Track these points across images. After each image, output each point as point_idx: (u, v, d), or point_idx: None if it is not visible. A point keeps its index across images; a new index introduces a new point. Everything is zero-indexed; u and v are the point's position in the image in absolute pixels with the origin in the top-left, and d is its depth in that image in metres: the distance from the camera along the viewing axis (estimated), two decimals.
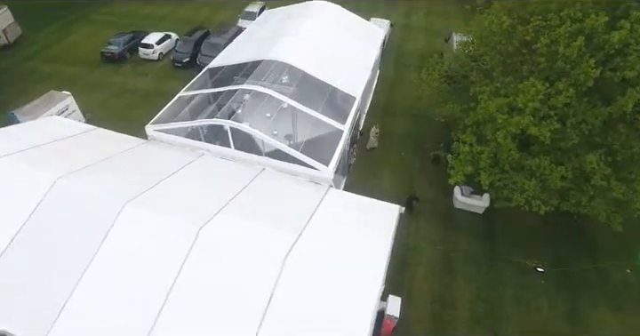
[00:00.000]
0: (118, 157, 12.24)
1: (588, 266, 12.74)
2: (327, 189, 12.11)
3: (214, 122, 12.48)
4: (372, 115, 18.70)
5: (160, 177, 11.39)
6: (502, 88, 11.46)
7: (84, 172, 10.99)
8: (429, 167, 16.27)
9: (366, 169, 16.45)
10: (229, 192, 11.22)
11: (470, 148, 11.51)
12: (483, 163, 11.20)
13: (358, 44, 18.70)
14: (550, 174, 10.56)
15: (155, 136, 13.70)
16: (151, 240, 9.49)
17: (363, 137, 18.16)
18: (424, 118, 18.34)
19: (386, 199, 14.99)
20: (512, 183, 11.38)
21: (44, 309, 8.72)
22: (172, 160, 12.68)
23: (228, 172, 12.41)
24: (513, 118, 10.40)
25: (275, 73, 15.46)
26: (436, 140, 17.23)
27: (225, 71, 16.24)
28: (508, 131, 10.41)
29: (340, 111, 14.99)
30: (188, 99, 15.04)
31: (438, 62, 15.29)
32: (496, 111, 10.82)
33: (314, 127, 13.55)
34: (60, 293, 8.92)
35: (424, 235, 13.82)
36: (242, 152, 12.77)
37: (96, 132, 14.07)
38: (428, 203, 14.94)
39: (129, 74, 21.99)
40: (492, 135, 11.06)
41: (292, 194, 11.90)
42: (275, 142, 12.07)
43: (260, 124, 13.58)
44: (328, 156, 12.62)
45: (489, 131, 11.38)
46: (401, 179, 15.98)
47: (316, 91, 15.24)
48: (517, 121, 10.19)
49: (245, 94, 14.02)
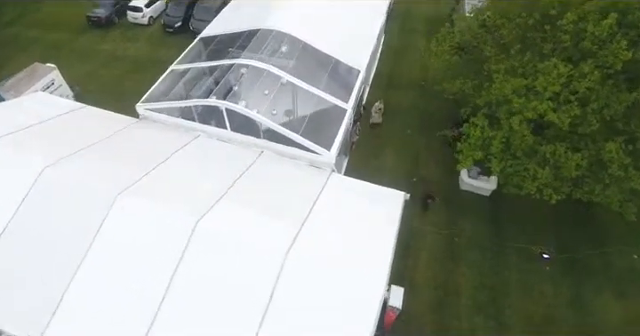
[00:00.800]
0: (109, 140, 11.62)
1: (594, 251, 12.54)
2: (329, 174, 11.63)
3: (208, 103, 11.72)
4: (376, 86, 17.70)
5: (154, 162, 10.86)
6: (520, 67, 10.56)
7: (73, 159, 10.45)
8: (436, 146, 15.64)
9: (369, 147, 15.85)
10: (227, 179, 10.74)
11: (482, 133, 10.84)
12: (494, 148, 10.59)
13: (363, 10, 17.32)
14: (565, 162, 9.99)
15: (146, 115, 12.97)
16: (147, 233, 9.16)
17: (366, 111, 17.36)
18: (431, 90, 17.34)
19: (390, 181, 14.60)
20: (523, 170, 10.84)
21: (38, 306, 8.56)
22: (165, 142, 12.06)
23: (225, 155, 11.86)
24: (530, 102, 9.64)
25: (273, 43, 14.39)
26: (444, 115, 16.43)
27: (220, 41, 15.12)
28: (525, 116, 9.69)
29: (344, 86, 14.10)
30: (181, 72, 14.10)
31: (450, 32, 14.12)
32: (512, 93, 10.03)
33: (315, 104, 12.76)
34: (54, 289, 8.72)
35: (428, 218, 13.52)
36: (239, 134, 12.11)
37: (84, 110, 13.33)
38: (433, 183, 14.50)
39: (118, 40, 20.70)
40: (506, 119, 10.35)
41: (292, 180, 11.42)
42: (273, 125, 11.39)
43: (258, 103, 12.81)
44: (330, 139, 11.98)
45: (503, 114, 10.65)
46: (406, 159, 15.43)
47: (318, 63, 14.27)
48: (535, 106, 9.45)
49: (242, 68, 13.08)
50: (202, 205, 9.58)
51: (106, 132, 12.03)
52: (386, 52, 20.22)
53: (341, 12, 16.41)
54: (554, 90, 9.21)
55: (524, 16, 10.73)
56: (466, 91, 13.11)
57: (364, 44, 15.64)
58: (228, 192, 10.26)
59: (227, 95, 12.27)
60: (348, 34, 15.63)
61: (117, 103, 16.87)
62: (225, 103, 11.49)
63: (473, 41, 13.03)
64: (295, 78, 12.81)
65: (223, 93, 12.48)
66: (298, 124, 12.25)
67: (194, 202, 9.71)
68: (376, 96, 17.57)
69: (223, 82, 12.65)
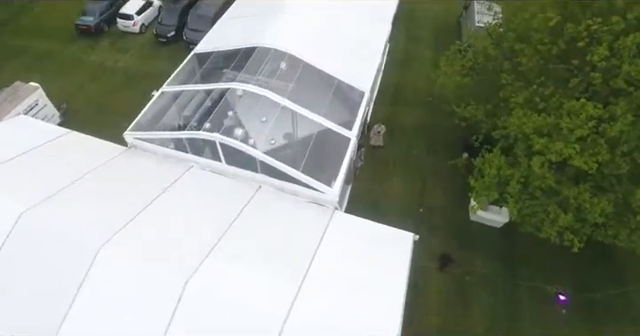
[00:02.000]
0: (93, 175, 10.80)
1: (614, 291, 11.81)
2: (332, 213, 10.85)
3: (201, 136, 10.84)
4: (381, 102, 16.75)
5: (142, 203, 10.10)
6: (541, 100, 9.67)
7: (53, 203, 9.65)
8: (444, 170, 14.80)
9: (373, 171, 15.01)
10: (222, 222, 9.98)
11: (498, 171, 10.01)
12: (511, 189, 9.77)
13: (367, 20, 16.32)
14: (590, 208, 9.19)
15: (135, 144, 12.11)
16: (133, 291, 8.39)
17: (369, 131, 16.49)
18: (439, 107, 16.44)
19: (396, 210, 13.74)
20: (543, 211, 10.04)
21: None
22: (155, 178, 11.26)
23: (220, 192, 11.04)
24: (554, 143, 8.78)
25: (272, 63, 13.47)
26: (453, 136, 15.55)
27: (215, 59, 14.20)
28: (547, 158, 8.85)
29: (347, 110, 13.26)
30: (173, 95, 13.19)
31: (460, 49, 13.16)
32: (533, 132, 9.17)
33: (317, 132, 11.88)
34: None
35: (436, 253, 12.75)
36: (234, 167, 11.28)
37: (69, 137, 12.48)
38: (440, 213, 13.71)
39: (107, 50, 19.70)
40: (525, 157, 9.51)
41: (293, 221, 10.64)
42: (271, 161, 10.54)
43: (256, 131, 11.98)
44: (333, 173, 11.17)
45: (521, 151, 9.81)
46: (412, 185, 14.61)
47: (319, 85, 13.40)
48: (560, 149, 8.60)
49: (238, 91, 12.15)
50: (192, 260, 8.81)
51: (91, 164, 11.21)
52: (390, 62, 19.25)
53: (344, 25, 15.45)
54: (581, 133, 8.37)
55: (547, 43, 9.80)
56: (478, 116, 12.25)
57: (368, 62, 14.68)
58: (222, 239, 9.52)
59: (221, 125, 11.40)
60: (352, 50, 14.69)
61: (106, 123, 16.08)
62: (219, 137, 10.63)
63: (487, 64, 12.11)
64: (295, 104, 11.95)
65: (217, 122, 11.60)
66: (298, 155, 11.41)
67: (183, 255, 8.96)
68: (380, 113, 16.67)
69: (218, 109, 11.76)
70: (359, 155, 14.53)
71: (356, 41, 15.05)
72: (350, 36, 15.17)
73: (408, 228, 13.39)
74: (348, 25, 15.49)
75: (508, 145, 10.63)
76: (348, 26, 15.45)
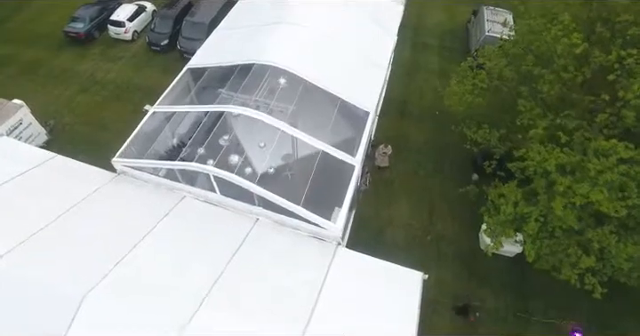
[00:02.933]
0: (79, 210, 10.09)
1: (634, 328, 11.18)
2: (334, 249, 10.16)
3: (192, 168, 10.11)
4: (385, 115, 15.90)
5: (131, 241, 9.44)
6: (565, 134, 8.89)
7: (32, 245, 8.98)
8: (452, 193, 14.09)
9: (378, 193, 14.31)
10: (217, 261, 9.34)
11: (514, 209, 9.29)
12: (529, 229, 9.06)
13: (371, 32, 15.48)
14: (617, 253, 8.50)
15: (125, 170, 11.37)
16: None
17: (373, 150, 15.73)
18: (446, 121, 15.63)
19: (402, 238, 13.00)
20: (562, 251, 9.36)
21: None
22: (146, 209, 10.57)
23: (215, 226, 10.35)
24: (579, 185, 8.05)
25: (270, 81, 12.70)
26: (462, 155, 14.80)
27: (209, 75, 13.43)
28: (571, 202, 8.12)
29: (351, 132, 12.55)
30: (165, 116, 12.42)
31: (476, 71, 12.34)
32: (555, 171, 8.43)
33: (319, 158, 11.13)
34: None
35: (445, 286, 12.11)
36: (230, 199, 10.56)
37: (54, 162, 11.72)
38: (449, 241, 13.04)
39: (98, 59, 18.86)
40: (545, 194, 8.80)
41: (293, 259, 9.96)
42: (270, 195, 9.82)
43: (253, 157, 11.28)
44: (336, 206, 10.46)
45: (540, 188, 9.09)
46: (419, 209, 13.93)
47: (321, 106, 12.66)
48: (586, 192, 7.87)
49: (234, 111, 11.38)
50: (184, 309, 8.17)
51: (77, 195, 10.50)
52: (395, 72, 18.41)
53: (346, 38, 14.61)
54: (611, 178, 7.63)
55: (571, 71, 9.01)
56: (491, 142, 11.51)
57: (373, 79, 13.88)
58: (218, 282, 8.87)
59: (216, 153, 10.66)
60: (355, 65, 13.91)
61: (96, 140, 15.41)
62: (212, 170, 9.91)
63: (502, 86, 11.33)
64: (294, 130, 11.21)
65: (212, 150, 10.88)
66: (299, 186, 10.68)
67: (175, 304, 8.31)
68: (385, 128, 15.89)
69: (212, 136, 11.01)
70: (364, 180, 13.81)
71: (359, 55, 14.26)
72: (353, 50, 14.36)
73: (415, 259, 12.83)
74: (350, 38, 14.66)
75: (526, 177, 9.90)
76: (350, 39, 14.62)
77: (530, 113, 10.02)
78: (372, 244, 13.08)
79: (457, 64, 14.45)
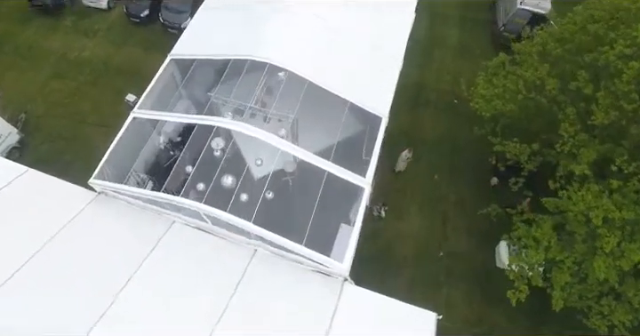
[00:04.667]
0: (61, 241, 9.22)
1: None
2: (341, 286, 9.38)
3: (178, 203, 8.94)
4: (398, 105, 14.10)
5: (118, 282, 8.64)
6: (614, 182, 7.54)
7: (16, 286, 8.28)
8: (468, 201, 13.07)
9: (390, 202, 13.20)
10: (214, 304, 8.62)
11: (546, 253, 8.31)
12: (561, 280, 8.15)
13: (383, 10, 13.30)
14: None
15: (105, 191, 10.22)
16: None
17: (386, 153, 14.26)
18: (465, 113, 14.00)
19: (413, 254, 12.06)
20: (592, 298, 8.55)
21: None
22: (134, 238, 9.67)
23: (210, 259, 9.44)
24: (631, 247, 6.98)
25: (268, 81, 11.12)
26: (480, 154, 13.50)
27: (197, 69, 11.75)
28: (617, 264, 7.11)
29: (360, 143, 11.16)
30: (148, 124, 10.96)
31: (510, 72, 10.64)
32: (602, 223, 7.27)
33: (325, 179, 9.90)
34: None
35: (456, 308, 11.60)
36: (224, 230, 9.55)
37: (26, 179, 10.53)
38: (462, 258, 12.27)
39: (71, 33, 16.75)
40: (584, 247, 7.78)
41: (297, 297, 9.17)
42: (268, 235, 8.78)
43: (249, 180, 10.06)
44: (343, 243, 9.46)
45: (580, 235, 8.02)
46: (431, 221, 12.96)
47: (327, 111, 11.14)
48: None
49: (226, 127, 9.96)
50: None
51: (56, 222, 9.56)
52: (411, 48, 16.31)
53: (355, 21, 12.56)
54: None
55: (637, 101, 7.45)
56: (522, 159, 10.21)
57: (386, 74, 12.10)
58: (219, 325, 8.23)
59: (207, 180, 9.46)
60: (366, 58, 12.06)
61: (74, 137, 14.10)
62: (202, 208, 8.77)
63: (541, 97, 9.76)
64: (297, 149, 9.88)
65: (201, 175, 9.65)
66: (301, 215, 9.56)
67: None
68: (398, 119, 14.22)
69: (202, 156, 9.69)
70: (379, 207, 12.75)
71: (370, 44, 12.33)
72: (364, 35, 12.40)
73: (426, 279, 12.17)
74: (360, 20, 12.61)
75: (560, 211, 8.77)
76: (360, 21, 12.58)
77: (574, 139, 8.61)
78: (380, 259, 12.44)
79: (481, 39, 12.62)
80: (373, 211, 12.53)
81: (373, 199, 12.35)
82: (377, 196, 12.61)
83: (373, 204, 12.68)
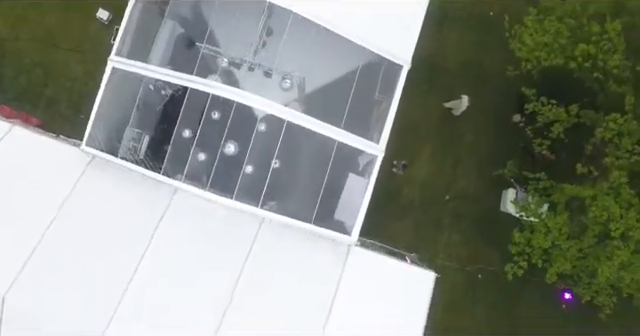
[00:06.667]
0: (64, 217, 9.20)
1: None
2: (347, 251, 9.86)
3: (178, 186, 8.56)
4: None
5: (134, 255, 9.00)
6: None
7: (29, 275, 8.63)
8: (487, 139, 12.41)
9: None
10: (227, 275, 9.18)
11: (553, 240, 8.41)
12: (560, 264, 8.52)
13: None
14: None
15: (97, 154, 9.62)
16: None
17: None
18: (501, 29, 11.83)
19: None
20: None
21: None
22: (138, 209, 9.62)
23: (218, 232, 9.59)
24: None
25: (268, 21, 9.16)
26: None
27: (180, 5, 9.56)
28: (619, 275, 7.27)
29: (374, 100, 9.97)
30: (130, 79, 9.52)
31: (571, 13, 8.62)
32: (619, 236, 7.11)
33: (336, 147, 9.29)
34: None
35: (454, 247, 12.40)
36: (228, 199, 9.38)
37: (12, 139, 9.84)
38: (469, 202, 12.45)
39: None
40: (593, 249, 7.86)
41: (303, 262, 9.72)
42: (276, 218, 8.72)
43: (253, 146, 9.34)
44: (352, 211, 9.43)
45: (592, 231, 7.98)
46: (442, 162, 12.53)
47: (338, 62, 9.77)
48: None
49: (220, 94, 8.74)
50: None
51: (55, 196, 9.30)
52: None
53: None
54: None
55: None
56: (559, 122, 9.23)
57: (409, 15, 9.75)
58: (233, 300, 8.95)
59: (208, 154, 8.84)
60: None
61: (49, 62, 12.50)
62: (207, 196, 8.46)
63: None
64: (304, 117, 8.87)
65: (201, 145, 8.97)
66: (309, 190, 9.29)
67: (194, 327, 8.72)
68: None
69: (201, 126, 8.81)
70: (399, 166, 12.12)
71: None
72: None
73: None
74: None
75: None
76: None
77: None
78: (389, 204, 12.62)
79: None
80: (393, 166, 12.15)
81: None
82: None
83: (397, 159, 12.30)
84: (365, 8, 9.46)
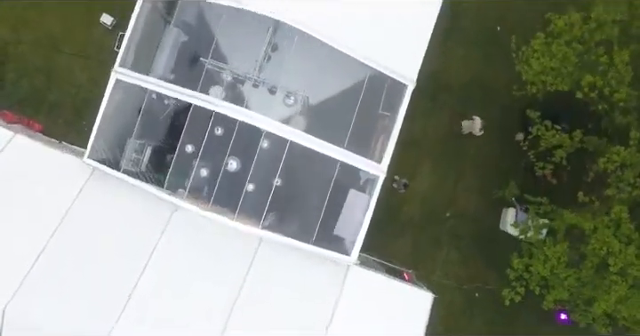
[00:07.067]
0: (67, 227, 9.18)
1: None
2: (346, 269, 9.90)
3: (182, 205, 8.60)
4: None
5: (136, 267, 9.00)
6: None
7: (30, 286, 8.66)
8: (489, 157, 12.41)
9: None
10: (227, 292, 9.21)
11: (551, 269, 8.46)
12: (558, 292, 8.57)
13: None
14: None
15: (100, 168, 9.61)
16: None
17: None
18: (508, 45, 11.76)
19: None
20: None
21: None
22: (136, 223, 9.62)
23: (217, 250, 9.59)
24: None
25: (273, 39, 9.14)
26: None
27: (185, 12, 9.66)
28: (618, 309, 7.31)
29: (378, 122, 9.96)
30: (134, 91, 9.50)
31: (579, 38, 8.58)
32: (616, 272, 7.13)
33: (338, 167, 9.30)
34: None
35: (452, 266, 12.45)
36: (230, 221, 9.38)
37: (15, 147, 9.79)
38: (469, 220, 12.48)
39: None
40: (590, 282, 7.90)
41: (302, 280, 9.74)
42: (277, 238, 8.74)
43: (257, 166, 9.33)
44: (352, 233, 9.46)
45: (590, 262, 8.02)
46: (443, 178, 12.54)
47: (342, 79, 9.61)
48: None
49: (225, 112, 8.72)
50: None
51: (57, 207, 9.29)
52: None
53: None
54: None
55: None
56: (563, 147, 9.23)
57: (420, 18, 9.74)
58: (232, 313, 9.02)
59: (210, 171, 8.88)
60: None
61: (52, 68, 12.42)
62: (209, 216, 8.50)
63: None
64: (308, 138, 8.85)
65: (204, 161, 8.97)
66: (311, 210, 9.31)
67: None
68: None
69: (205, 143, 8.80)
70: (400, 184, 12.14)
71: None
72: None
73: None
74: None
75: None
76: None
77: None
78: (389, 221, 12.63)
79: None
80: (394, 182, 12.17)
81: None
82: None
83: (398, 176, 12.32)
84: (371, 25, 9.48)
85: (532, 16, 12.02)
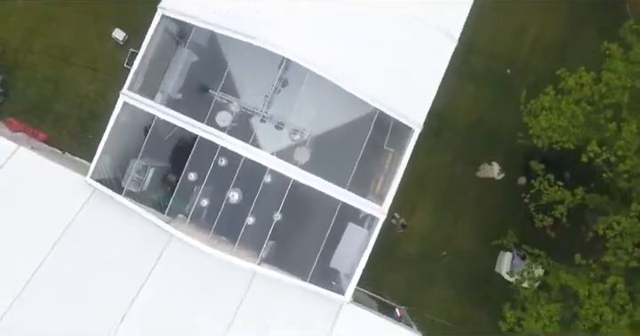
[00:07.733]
0: (67, 243, 9.21)
1: None
2: (340, 306, 9.91)
3: (181, 237, 8.61)
4: None
5: (129, 294, 9.01)
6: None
7: (26, 302, 8.70)
8: (490, 199, 12.48)
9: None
10: (218, 325, 9.17)
11: (544, 327, 8.49)
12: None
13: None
14: None
15: (101, 189, 9.63)
16: None
17: None
18: (517, 87, 11.79)
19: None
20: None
21: None
22: (133, 245, 9.60)
23: (212, 278, 9.58)
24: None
25: (288, 76, 9.23)
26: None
27: (198, 41, 9.76)
28: None
29: (381, 157, 10.00)
30: (140, 115, 9.54)
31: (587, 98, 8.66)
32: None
33: (339, 208, 9.32)
34: None
35: (445, 304, 12.44)
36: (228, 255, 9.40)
37: (16, 161, 9.80)
38: (465, 259, 12.48)
39: None
40: None
41: (297, 316, 9.72)
42: (274, 275, 8.77)
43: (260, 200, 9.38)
44: (347, 274, 9.51)
45: (582, 325, 8.06)
46: (442, 218, 12.59)
47: (349, 120, 9.69)
48: None
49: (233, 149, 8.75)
50: None
51: (58, 222, 9.32)
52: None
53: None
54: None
55: None
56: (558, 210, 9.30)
57: (430, 63, 9.78)
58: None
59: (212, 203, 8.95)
60: (406, 38, 9.53)
61: (60, 78, 12.43)
62: (209, 252, 8.50)
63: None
64: (311, 177, 8.86)
65: (206, 192, 9.01)
66: (309, 249, 9.32)
67: None
68: None
69: (209, 175, 8.86)
70: (398, 223, 12.20)
71: (415, 14, 9.55)
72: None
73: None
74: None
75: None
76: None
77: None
78: (385, 256, 12.62)
79: None
80: (392, 219, 12.17)
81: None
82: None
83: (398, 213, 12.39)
84: (383, 67, 9.52)
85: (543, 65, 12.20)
